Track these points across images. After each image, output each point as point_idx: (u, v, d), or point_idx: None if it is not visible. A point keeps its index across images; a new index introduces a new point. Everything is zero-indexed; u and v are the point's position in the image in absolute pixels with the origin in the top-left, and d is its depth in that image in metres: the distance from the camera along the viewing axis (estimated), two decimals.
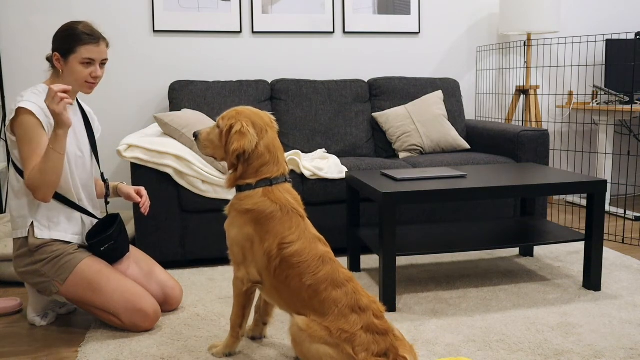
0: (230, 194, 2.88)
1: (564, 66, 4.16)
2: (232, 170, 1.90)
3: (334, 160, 3.18)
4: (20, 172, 2.13)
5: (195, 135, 1.96)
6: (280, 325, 2.23)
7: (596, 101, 4.17)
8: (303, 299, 1.76)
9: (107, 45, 2.21)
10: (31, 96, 2.09)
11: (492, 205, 3.30)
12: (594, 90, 4.21)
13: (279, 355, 2.00)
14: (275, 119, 1.96)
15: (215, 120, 3.48)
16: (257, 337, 2.12)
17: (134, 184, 2.84)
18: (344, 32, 4.06)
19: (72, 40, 2.11)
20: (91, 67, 2.15)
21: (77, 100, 2.33)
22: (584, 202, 4.30)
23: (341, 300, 1.72)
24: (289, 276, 1.78)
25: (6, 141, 3.59)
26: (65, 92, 1.95)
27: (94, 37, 2.13)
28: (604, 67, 4.38)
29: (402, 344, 1.75)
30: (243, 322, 1.96)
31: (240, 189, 1.89)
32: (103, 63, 2.19)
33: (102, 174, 2.37)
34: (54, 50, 2.15)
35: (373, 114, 3.77)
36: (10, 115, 2.07)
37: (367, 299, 1.76)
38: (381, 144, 3.76)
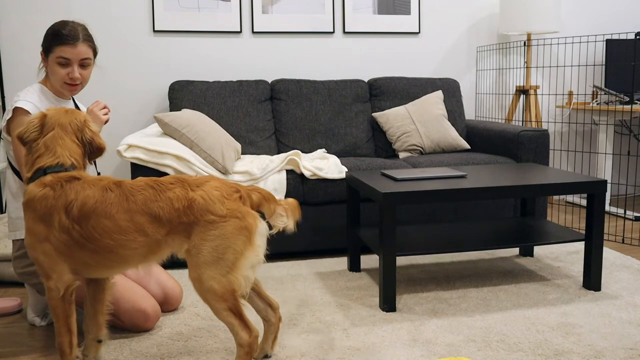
0: None
1: (564, 66, 4.16)
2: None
3: (334, 160, 3.18)
4: (17, 173, 2.12)
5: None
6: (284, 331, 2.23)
7: (596, 101, 4.17)
8: (128, 228, 1.65)
9: (94, 49, 2.18)
10: (27, 95, 2.09)
11: (492, 205, 3.30)
12: (594, 90, 4.21)
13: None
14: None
15: (215, 121, 3.49)
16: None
17: None
18: (344, 32, 4.06)
19: (51, 39, 2.12)
20: (68, 67, 2.12)
21: (73, 99, 2.33)
22: (584, 202, 4.30)
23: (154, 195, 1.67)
24: (96, 225, 1.65)
25: None
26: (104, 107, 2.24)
27: (70, 37, 2.10)
28: (604, 67, 4.38)
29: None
30: (73, 340, 1.76)
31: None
32: (84, 65, 2.15)
33: (98, 174, 2.37)
34: (41, 48, 2.17)
35: (373, 114, 3.77)
36: (7, 116, 2.07)
37: (170, 178, 1.72)
38: (381, 144, 3.76)
